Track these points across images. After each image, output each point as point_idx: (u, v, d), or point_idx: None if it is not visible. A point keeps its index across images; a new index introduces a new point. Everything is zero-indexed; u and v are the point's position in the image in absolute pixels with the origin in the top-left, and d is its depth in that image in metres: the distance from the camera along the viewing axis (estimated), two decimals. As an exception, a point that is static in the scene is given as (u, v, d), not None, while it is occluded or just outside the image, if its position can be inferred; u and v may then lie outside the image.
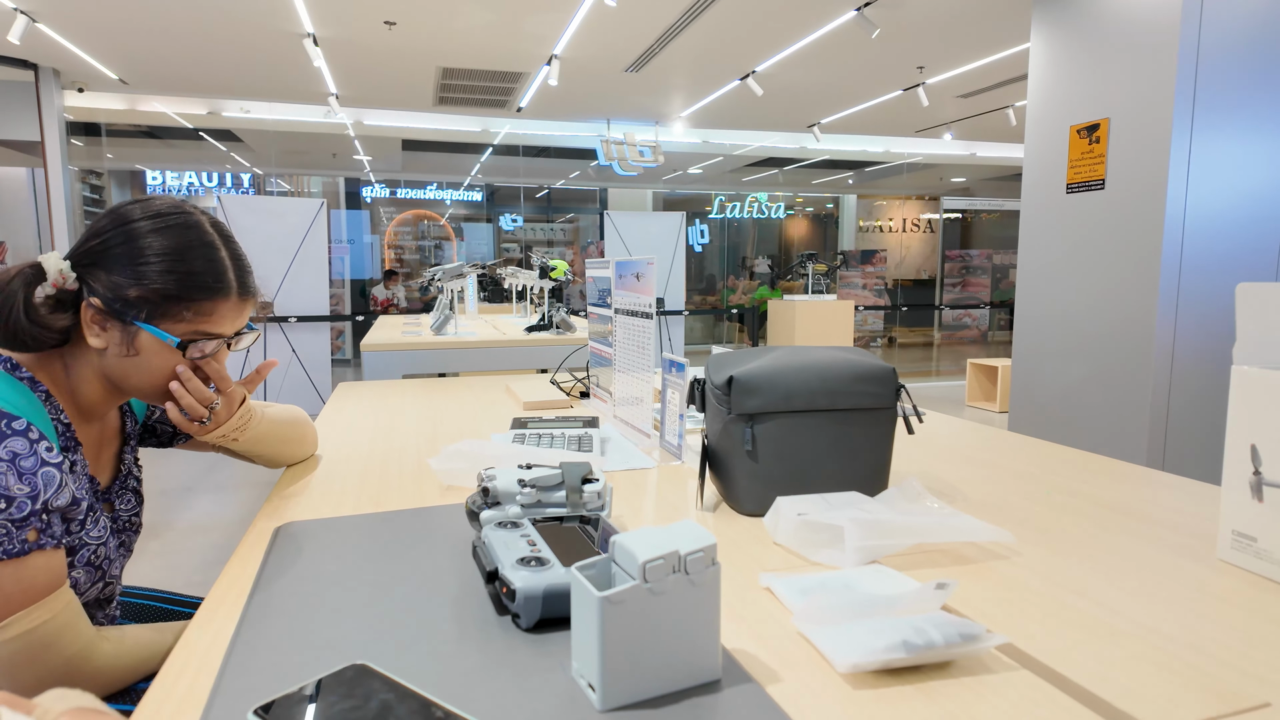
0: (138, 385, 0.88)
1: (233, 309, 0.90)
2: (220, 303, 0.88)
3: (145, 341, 0.85)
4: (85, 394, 0.88)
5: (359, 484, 1.07)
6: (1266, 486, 0.72)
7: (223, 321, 0.90)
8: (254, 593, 0.70)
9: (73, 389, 0.87)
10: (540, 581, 0.61)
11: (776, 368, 0.91)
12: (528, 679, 0.55)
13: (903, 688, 0.54)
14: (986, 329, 10.23)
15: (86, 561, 0.84)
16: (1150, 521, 0.90)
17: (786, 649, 0.60)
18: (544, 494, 0.79)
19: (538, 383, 1.96)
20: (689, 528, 0.55)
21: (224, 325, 0.90)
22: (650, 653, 0.52)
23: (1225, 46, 2.86)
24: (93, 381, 0.88)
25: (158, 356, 0.86)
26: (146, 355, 0.86)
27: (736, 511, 0.94)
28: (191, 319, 0.86)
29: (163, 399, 0.90)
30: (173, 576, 2.85)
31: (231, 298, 0.89)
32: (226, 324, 0.90)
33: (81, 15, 4.47)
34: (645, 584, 0.51)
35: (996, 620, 0.65)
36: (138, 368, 0.86)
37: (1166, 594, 0.70)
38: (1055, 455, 1.23)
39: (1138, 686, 0.54)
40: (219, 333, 0.89)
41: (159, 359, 0.86)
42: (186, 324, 0.86)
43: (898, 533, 0.77)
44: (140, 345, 0.85)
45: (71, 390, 0.87)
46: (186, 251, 0.85)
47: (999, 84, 5.96)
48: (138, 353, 0.85)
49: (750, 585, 0.72)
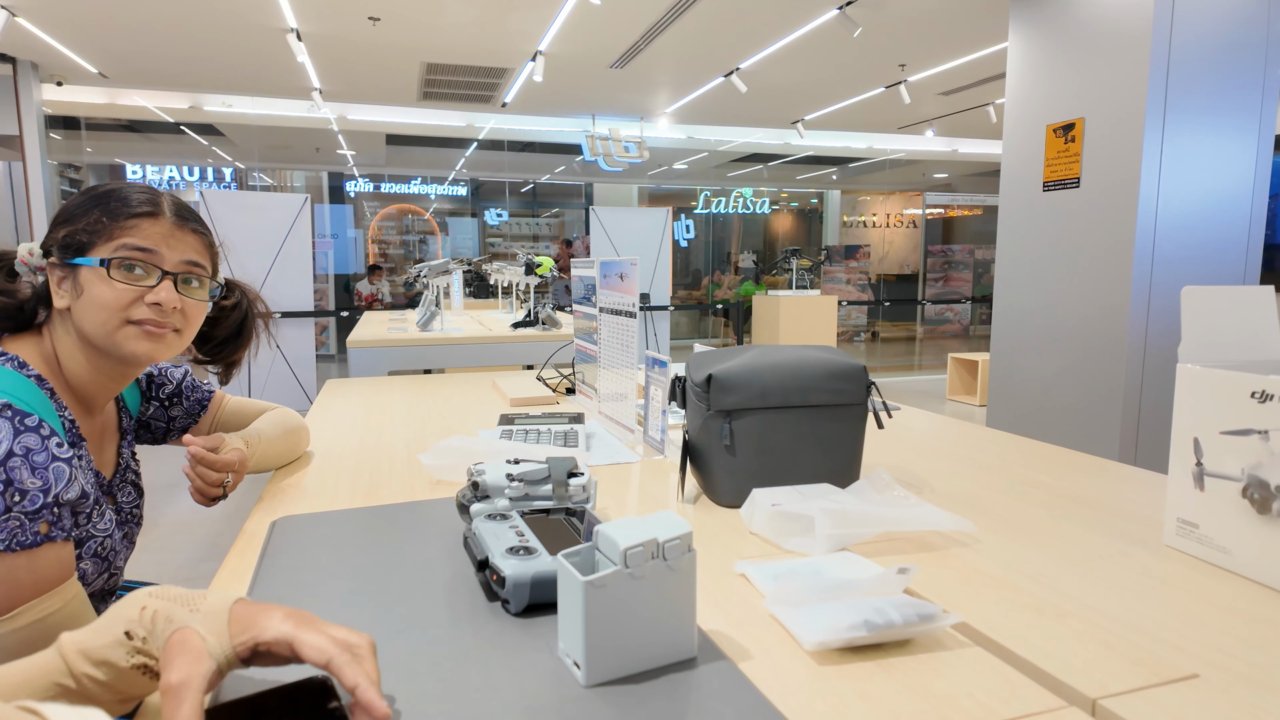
0: (91, 330, 0.87)
1: (163, 231, 0.89)
2: (143, 220, 0.88)
3: (85, 276, 0.86)
4: (75, 374, 0.90)
5: (351, 479, 1.10)
6: (1207, 477, 0.77)
7: (153, 239, 0.88)
8: (254, 584, 0.73)
9: (70, 377, 0.89)
10: (528, 569, 0.65)
11: (753, 366, 0.96)
12: (517, 659, 0.59)
13: (864, 664, 0.59)
14: (968, 323, 10.36)
15: (94, 553, 0.87)
16: (1104, 510, 0.96)
17: (758, 629, 0.64)
18: (531, 488, 0.83)
19: (524, 379, 1.99)
20: (667, 517, 0.59)
21: (155, 243, 0.88)
22: (631, 633, 0.56)
23: (1196, 49, 2.94)
24: (77, 355, 0.89)
25: (98, 287, 0.86)
26: (89, 291, 0.86)
27: (715, 503, 0.98)
28: (115, 238, 0.87)
29: (116, 344, 0.88)
30: (160, 572, 2.87)
31: (161, 218, 0.89)
32: (159, 243, 0.89)
33: (60, 9, 4.44)
34: (626, 569, 0.55)
35: (955, 602, 0.70)
36: (85, 309, 0.86)
37: (1114, 578, 0.75)
38: (1023, 449, 1.29)
39: (1079, 662, 0.59)
40: (147, 247, 0.88)
41: (100, 290, 0.86)
42: (111, 244, 0.87)
43: (866, 522, 0.81)
44: (82, 282, 0.87)
45: (70, 381, 0.89)
46: (114, 189, 0.89)
47: (979, 82, 6.04)
48: (83, 290, 0.87)
49: (726, 571, 0.76)
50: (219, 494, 0.97)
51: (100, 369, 0.92)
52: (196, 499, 0.97)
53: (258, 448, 1.07)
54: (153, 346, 0.90)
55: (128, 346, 0.89)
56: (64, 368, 0.89)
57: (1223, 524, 0.76)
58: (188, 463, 0.96)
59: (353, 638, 0.51)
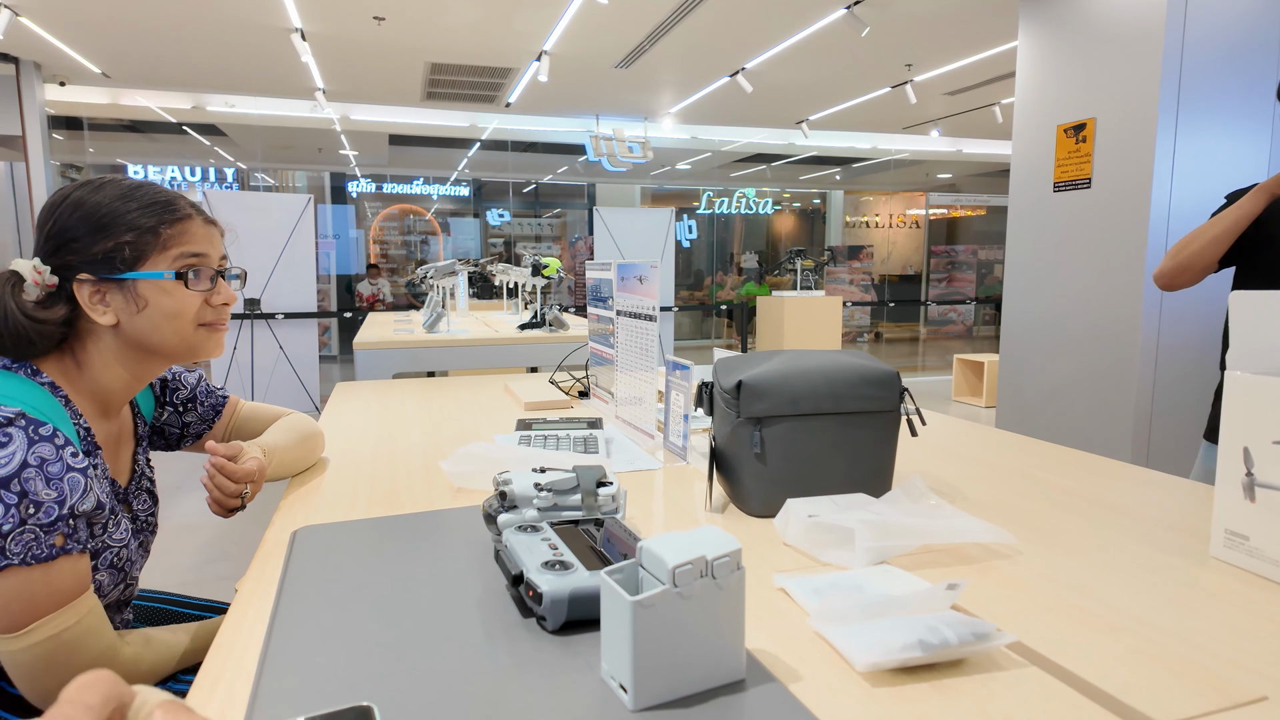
0: (163, 340, 0.88)
1: (203, 230, 0.91)
2: (186, 222, 0.89)
3: (145, 290, 0.85)
4: (107, 384, 0.88)
5: (369, 486, 1.08)
6: (1258, 488, 0.75)
7: (201, 241, 0.90)
8: (280, 597, 0.71)
9: (92, 384, 0.87)
10: (566, 585, 0.62)
11: (784, 372, 0.93)
12: (557, 678, 0.57)
13: (919, 685, 0.56)
14: (972, 324, 10.33)
15: (109, 564, 0.85)
16: (1141, 519, 0.93)
17: (804, 648, 0.62)
18: (560, 497, 0.80)
19: (537, 382, 1.97)
20: (712, 533, 0.57)
21: (203, 246, 0.90)
22: (679, 654, 0.54)
23: (1208, 48, 2.91)
24: (114, 367, 0.88)
25: (167, 298, 0.86)
26: (155, 303, 0.86)
27: (745, 513, 0.96)
28: (171, 247, 0.87)
29: (191, 348, 0.90)
30: (166, 577, 2.85)
31: (195, 217, 0.90)
32: (205, 245, 0.91)
33: (63, 9, 4.42)
34: (675, 588, 0.53)
35: (1002, 618, 0.67)
36: (153, 321, 0.86)
37: (1162, 591, 0.73)
38: (1045, 452, 1.26)
39: (1140, 682, 0.57)
40: (203, 252, 0.90)
41: (169, 301, 0.87)
42: (169, 254, 0.87)
43: (905, 534, 0.79)
44: (143, 295, 0.85)
45: (90, 387, 0.87)
46: (131, 192, 0.87)
47: (986, 82, 6.02)
48: (146, 303, 0.86)
49: (764, 585, 0.74)
50: (238, 504, 0.95)
51: (137, 375, 0.90)
52: (214, 510, 0.95)
53: (275, 456, 1.05)
54: (219, 343, 0.94)
55: (203, 349, 0.92)
56: (92, 378, 0.87)
57: (1276, 537, 0.73)
58: (205, 473, 0.94)
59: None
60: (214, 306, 0.90)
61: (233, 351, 5.88)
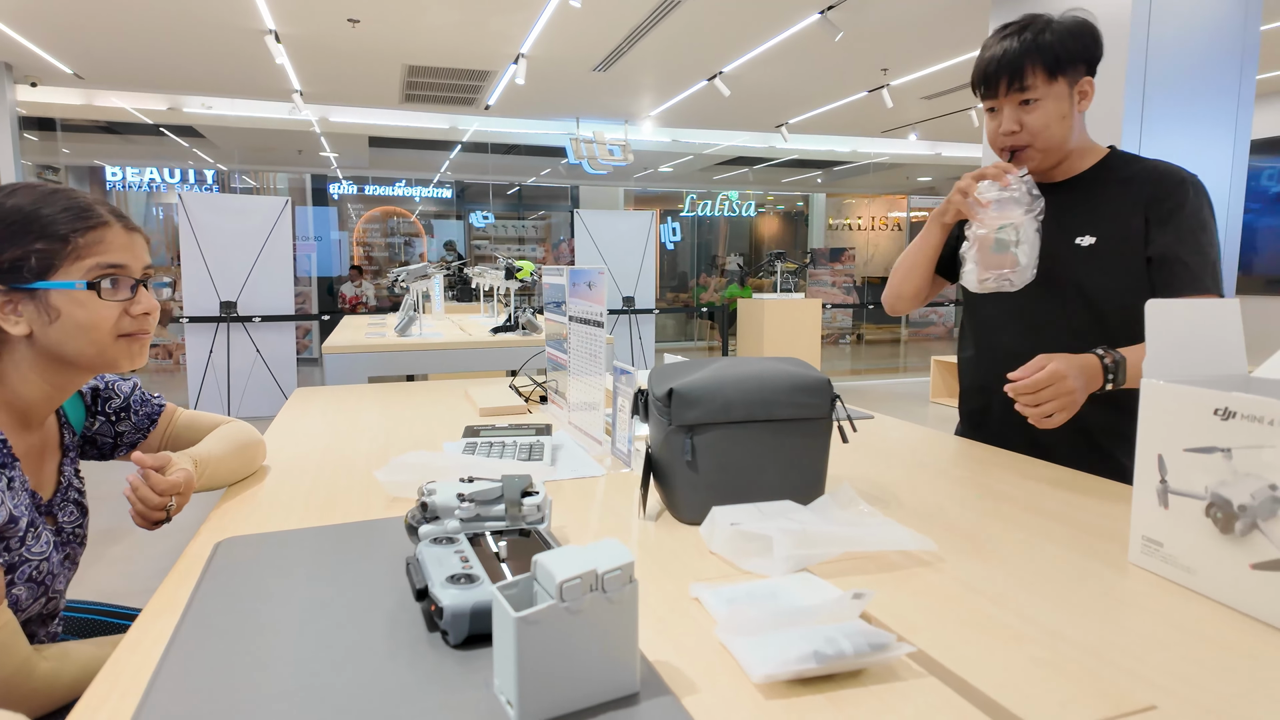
0: (79, 351, 0.86)
1: (123, 238, 0.89)
2: (102, 231, 0.87)
3: (58, 300, 0.84)
4: (25, 395, 0.87)
5: (307, 495, 1.07)
6: (1171, 494, 0.75)
7: (118, 251, 0.88)
8: (187, 612, 0.70)
9: (9, 396, 0.86)
10: (468, 599, 0.62)
11: (716, 379, 0.93)
12: (452, 695, 0.56)
13: (814, 697, 0.56)
14: (953, 326, 10.40)
15: (28, 578, 0.84)
16: (1072, 525, 0.94)
17: (707, 659, 0.62)
18: (483, 508, 0.80)
19: (498, 388, 1.97)
20: (610, 546, 0.57)
21: (122, 256, 0.88)
22: (568, 669, 0.53)
23: (1173, 54, 2.95)
24: (31, 378, 0.86)
25: (81, 309, 0.85)
26: (68, 314, 0.84)
27: (678, 520, 0.96)
28: (86, 256, 0.85)
29: (110, 360, 0.89)
30: (130, 584, 2.82)
31: (113, 226, 0.88)
32: (124, 255, 0.88)
33: (34, 9, 4.37)
34: (562, 603, 0.52)
35: (913, 627, 0.68)
36: (67, 332, 0.85)
37: (1077, 599, 0.73)
38: (995, 459, 1.27)
39: (1036, 692, 0.57)
40: (119, 263, 0.87)
41: (82, 312, 0.85)
42: (84, 263, 0.85)
43: (826, 541, 0.79)
44: (55, 305, 0.84)
45: (7, 398, 0.86)
46: (46, 198, 0.85)
47: (962, 86, 6.06)
48: (59, 314, 0.84)
49: (682, 594, 0.74)
50: (163, 517, 0.93)
51: (57, 385, 0.89)
52: (138, 522, 0.94)
53: (208, 466, 1.03)
54: (142, 353, 0.91)
55: (122, 361, 0.89)
56: (9, 389, 0.86)
57: (1186, 543, 0.74)
58: (128, 485, 0.92)
59: None
60: (134, 316, 0.89)
61: (209, 355, 5.83)
